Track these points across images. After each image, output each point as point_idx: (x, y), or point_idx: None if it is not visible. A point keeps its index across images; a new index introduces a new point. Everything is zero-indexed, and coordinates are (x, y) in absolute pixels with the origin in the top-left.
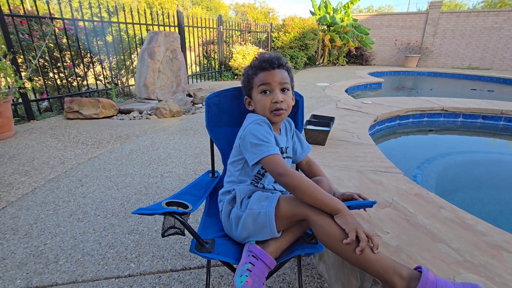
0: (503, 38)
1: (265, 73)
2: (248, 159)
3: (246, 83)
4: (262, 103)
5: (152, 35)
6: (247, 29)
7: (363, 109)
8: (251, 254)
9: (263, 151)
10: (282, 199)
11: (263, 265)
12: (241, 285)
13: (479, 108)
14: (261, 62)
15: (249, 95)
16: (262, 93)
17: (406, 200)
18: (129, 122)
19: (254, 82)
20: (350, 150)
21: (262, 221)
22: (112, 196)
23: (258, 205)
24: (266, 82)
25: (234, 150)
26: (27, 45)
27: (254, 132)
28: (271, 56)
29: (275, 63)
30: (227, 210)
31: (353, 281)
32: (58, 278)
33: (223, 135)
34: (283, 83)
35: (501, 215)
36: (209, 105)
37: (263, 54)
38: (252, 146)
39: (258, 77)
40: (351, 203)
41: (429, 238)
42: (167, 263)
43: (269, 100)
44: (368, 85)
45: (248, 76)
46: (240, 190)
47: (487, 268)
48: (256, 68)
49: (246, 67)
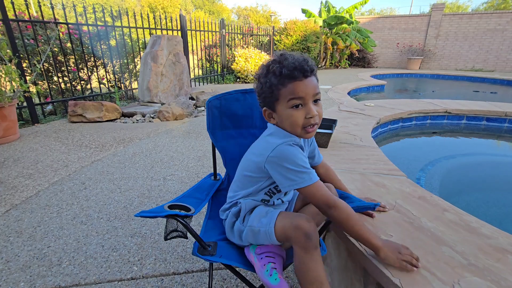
0: (507, 40)
1: (296, 83)
2: (282, 185)
3: (268, 94)
4: (293, 120)
5: (155, 38)
6: (249, 33)
7: (366, 112)
8: (263, 255)
9: (305, 179)
10: (279, 218)
11: (280, 259)
12: (276, 282)
13: (482, 110)
14: (291, 70)
15: (270, 107)
16: (293, 108)
17: (409, 203)
18: (132, 125)
19: (281, 94)
20: (353, 152)
21: (263, 238)
22: (115, 199)
23: (258, 222)
24: (299, 96)
25: (250, 164)
26: (32, 50)
27: (289, 156)
28: (299, 60)
29: (307, 70)
30: (231, 222)
31: (356, 284)
32: (61, 281)
33: (225, 138)
34: (316, 94)
35: (506, 218)
36: (210, 108)
37: (286, 57)
38: (290, 172)
39: (287, 88)
40: (351, 206)
41: (433, 241)
42: (170, 266)
43: (302, 115)
44: (370, 88)
45: (272, 86)
46: (246, 205)
47: (492, 272)
48: (284, 77)
49: (262, 71)
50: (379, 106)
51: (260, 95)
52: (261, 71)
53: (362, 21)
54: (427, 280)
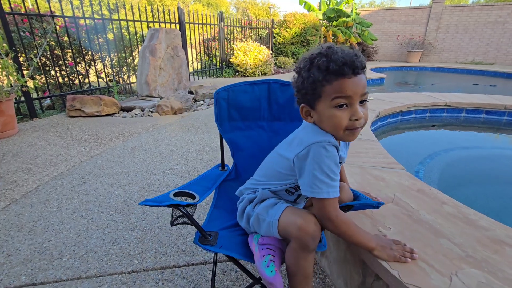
0: (507, 32)
1: (344, 81)
2: (302, 187)
3: (310, 90)
4: (336, 121)
5: (153, 32)
6: (248, 26)
7: None
8: (265, 246)
9: (323, 192)
10: (285, 213)
11: (280, 253)
12: (272, 274)
13: (482, 103)
14: (341, 65)
15: (309, 104)
16: (337, 108)
17: (408, 196)
18: (131, 120)
19: (325, 91)
20: (352, 146)
21: (266, 228)
22: (115, 193)
23: (265, 212)
24: (347, 95)
25: (280, 160)
26: (28, 43)
27: (319, 161)
28: (349, 55)
29: (358, 66)
30: (243, 207)
31: (355, 277)
32: (62, 274)
33: (232, 130)
34: (364, 94)
35: (504, 210)
36: (218, 100)
37: (335, 50)
38: (313, 177)
39: (333, 86)
40: (354, 203)
41: (431, 234)
42: (170, 259)
43: (346, 116)
44: (370, 81)
45: (316, 81)
46: (262, 194)
47: (490, 263)
48: (331, 73)
49: (305, 64)
50: (378, 100)
51: (300, 90)
52: (303, 64)
53: (362, 13)
54: (425, 272)
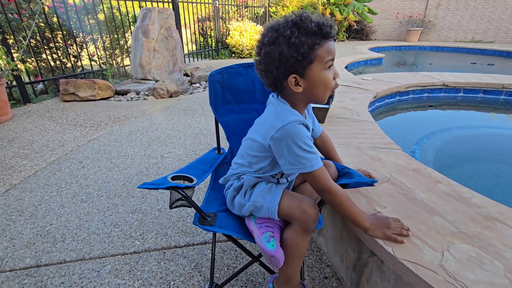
0: (509, 9)
1: (331, 42)
2: (284, 167)
3: (301, 56)
4: (328, 82)
5: (145, 12)
6: (244, 4)
7: (363, 86)
8: (263, 225)
9: (307, 166)
10: (284, 197)
11: (279, 229)
12: (273, 248)
13: (480, 83)
14: (325, 26)
15: (298, 73)
16: (327, 70)
17: (404, 176)
18: (126, 104)
19: (318, 54)
20: (349, 127)
21: (264, 212)
22: (114, 177)
23: (262, 198)
24: (333, 56)
25: (254, 144)
26: (16, 25)
27: (295, 138)
28: (322, 18)
29: (334, 28)
30: (232, 195)
31: (351, 253)
32: (66, 256)
33: (227, 113)
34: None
35: (497, 188)
36: (212, 83)
37: (308, 15)
38: (294, 155)
39: (324, 48)
40: (349, 181)
41: (425, 212)
42: (171, 240)
43: (331, 76)
44: (368, 61)
45: (308, 46)
46: (249, 181)
47: (481, 239)
48: (321, 36)
49: (291, 31)
50: (376, 80)
51: (288, 59)
52: (288, 31)
53: None
54: (418, 248)
